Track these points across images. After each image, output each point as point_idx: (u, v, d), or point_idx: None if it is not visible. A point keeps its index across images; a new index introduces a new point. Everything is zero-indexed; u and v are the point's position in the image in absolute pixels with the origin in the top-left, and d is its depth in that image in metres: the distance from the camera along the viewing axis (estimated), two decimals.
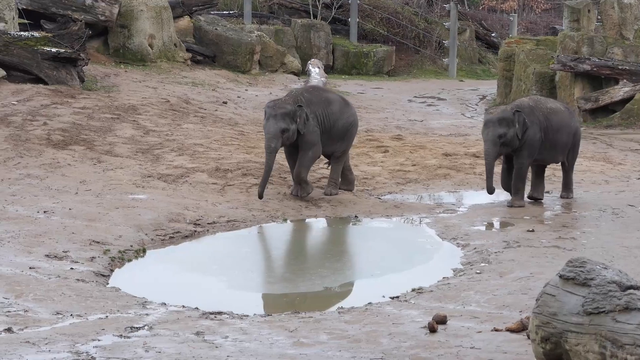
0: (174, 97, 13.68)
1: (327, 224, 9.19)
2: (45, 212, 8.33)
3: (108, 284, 6.92)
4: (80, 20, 14.64)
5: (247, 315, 6.14)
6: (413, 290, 6.75)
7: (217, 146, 11.22)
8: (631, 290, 4.25)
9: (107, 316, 5.94)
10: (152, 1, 16.24)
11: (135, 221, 8.30)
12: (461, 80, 19.64)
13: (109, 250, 7.54)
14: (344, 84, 17.88)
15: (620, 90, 14.48)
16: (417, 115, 15.08)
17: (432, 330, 5.58)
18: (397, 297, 6.59)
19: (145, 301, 6.39)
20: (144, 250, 7.81)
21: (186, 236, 8.33)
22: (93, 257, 7.32)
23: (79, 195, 9.00)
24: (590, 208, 9.32)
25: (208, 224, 8.64)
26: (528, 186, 9.71)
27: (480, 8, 26.39)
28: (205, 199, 9.29)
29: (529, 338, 4.88)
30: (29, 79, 13.17)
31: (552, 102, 10.00)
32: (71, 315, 5.90)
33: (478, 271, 7.18)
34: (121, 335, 5.49)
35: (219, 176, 10.02)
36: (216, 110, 13.46)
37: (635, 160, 11.85)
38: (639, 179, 10.79)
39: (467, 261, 7.62)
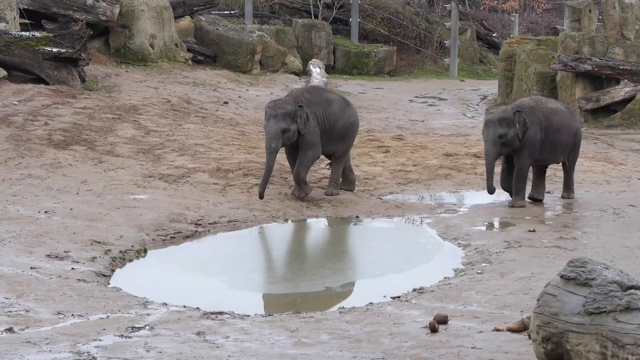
0: (175, 97, 13.68)
1: (328, 224, 9.19)
2: (46, 212, 8.33)
3: (109, 284, 6.92)
4: (82, 20, 14.65)
5: (248, 315, 6.14)
6: (414, 290, 6.75)
7: (218, 146, 11.22)
8: (632, 290, 4.26)
9: (108, 316, 5.94)
10: (153, 1, 16.24)
11: (137, 221, 8.30)
12: (462, 81, 19.64)
13: (110, 251, 7.54)
14: (345, 84, 17.88)
15: (621, 91, 14.47)
16: (418, 115, 15.07)
17: (433, 330, 5.58)
18: (398, 297, 6.59)
19: (147, 301, 6.39)
20: (145, 251, 7.81)
21: (187, 236, 8.33)
22: (94, 257, 7.32)
23: (80, 196, 9.00)
24: (591, 208, 9.32)
25: (209, 224, 8.64)
26: (528, 186, 9.71)
27: (482, 8, 26.37)
28: (206, 199, 9.28)
29: (530, 338, 4.88)
30: (30, 79, 13.18)
31: (553, 102, 10.00)
32: (72, 315, 5.90)
33: (479, 271, 7.18)
34: (122, 335, 5.49)
35: (220, 176, 10.01)
36: (217, 110, 13.46)
37: (636, 161, 11.84)
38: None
39: (468, 261, 7.62)
